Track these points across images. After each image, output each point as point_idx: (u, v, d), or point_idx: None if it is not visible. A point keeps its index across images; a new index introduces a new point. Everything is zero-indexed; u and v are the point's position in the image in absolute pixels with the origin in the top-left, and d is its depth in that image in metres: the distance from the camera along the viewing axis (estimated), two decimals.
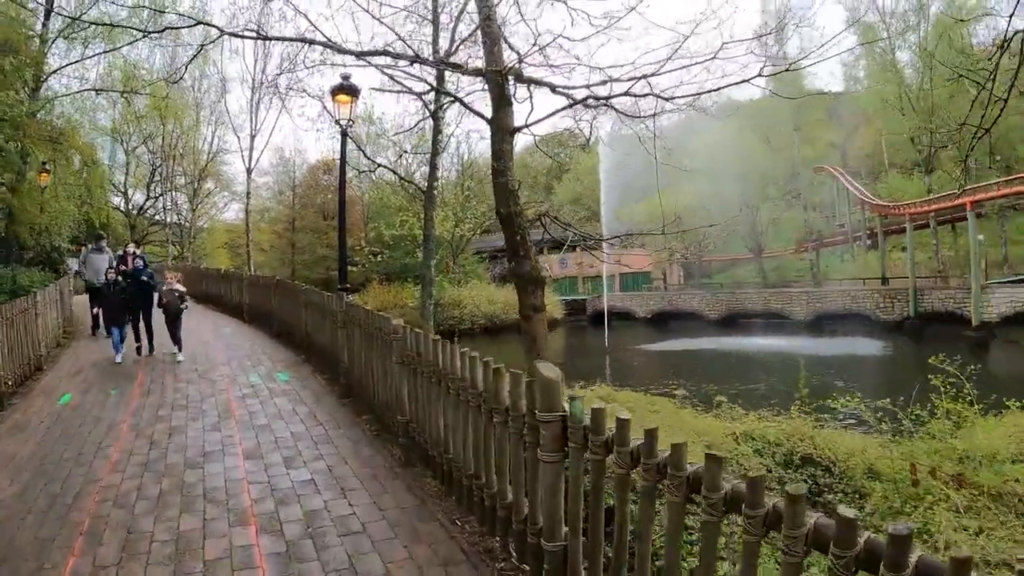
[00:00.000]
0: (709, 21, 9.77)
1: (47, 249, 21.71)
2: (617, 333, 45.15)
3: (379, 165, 19.10)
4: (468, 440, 5.34)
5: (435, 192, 16.44)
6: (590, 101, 10.81)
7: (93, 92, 26.69)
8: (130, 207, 46.03)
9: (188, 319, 19.01)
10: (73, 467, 6.87)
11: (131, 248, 15.80)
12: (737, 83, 9.50)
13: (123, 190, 46.00)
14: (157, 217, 48.11)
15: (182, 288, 13.42)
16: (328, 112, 18.59)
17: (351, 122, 12.82)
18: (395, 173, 21.52)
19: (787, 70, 10.10)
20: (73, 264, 21.53)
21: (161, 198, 46.41)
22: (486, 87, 10.92)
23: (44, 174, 21.89)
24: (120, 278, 13.00)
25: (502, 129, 9.82)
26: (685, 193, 47.46)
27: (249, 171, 44.50)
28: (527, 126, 10.42)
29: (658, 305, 47.12)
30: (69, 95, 25.32)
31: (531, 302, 9.37)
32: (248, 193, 44.99)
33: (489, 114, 10.51)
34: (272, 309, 15.66)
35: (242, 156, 44.75)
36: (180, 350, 12.55)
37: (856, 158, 62.68)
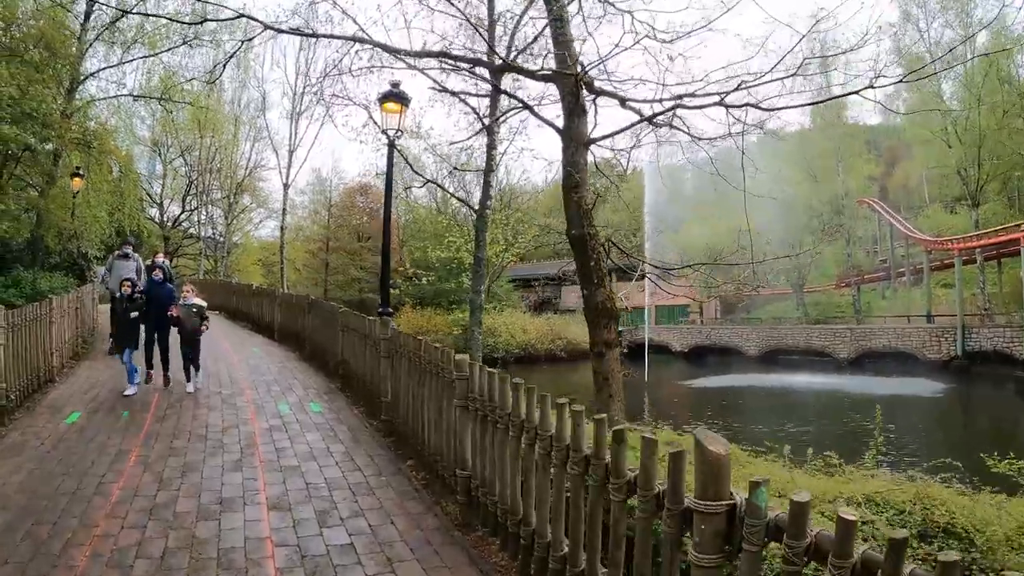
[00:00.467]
0: (824, 22, 8.36)
1: (74, 255, 20.90)
2: (654, 367, 43.68)
3: (428, 180, 17.94)
4: (560, 514, 4.13)
5: (488, 212, 15.25)
6: (660, 119, 9.62)
7: (131, 98, 26.13)
8: (165, 219, 45.65)
9: (214, 334, 18.07)
10: (68, 505, 5.75)
11: (160, 258, 14.65)
12: (847, 94, 8.29)
13: (159, 201, 45.79)
14: (191, 231, 47.67)
15: (201, 302, 11.10)
16: (374, 122, 17.64)
17: (399, 133, 11.79)
18: (444, 190, 20.39)
19: (900, 81, 8.82)
20: (101, 271, 20.74)
21: (196, 211, 45.93)
22: (540, 102, 9.92)
23: (76, 179, 21.19)
24: (135, 291, 10.97)
25: (576, 140, 8.66)
26: (724, 225, 46.24)
27: (286, 187, 43.59)
28: (604, 138, 9.27)
29: (695, 339, 45.42)
30: (106, 99, 24.74)
31: (604, 337, 8.13)
32: (284, 209, 44.22)
33: (555, 124, 9.39)
34: (305, 330, 14.59)
35: (280, 172, 43.74)
36: (197, 372, 10.81)
37: (895, 192, 61.08)
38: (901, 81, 8.71)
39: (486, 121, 14.20)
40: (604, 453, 3.64)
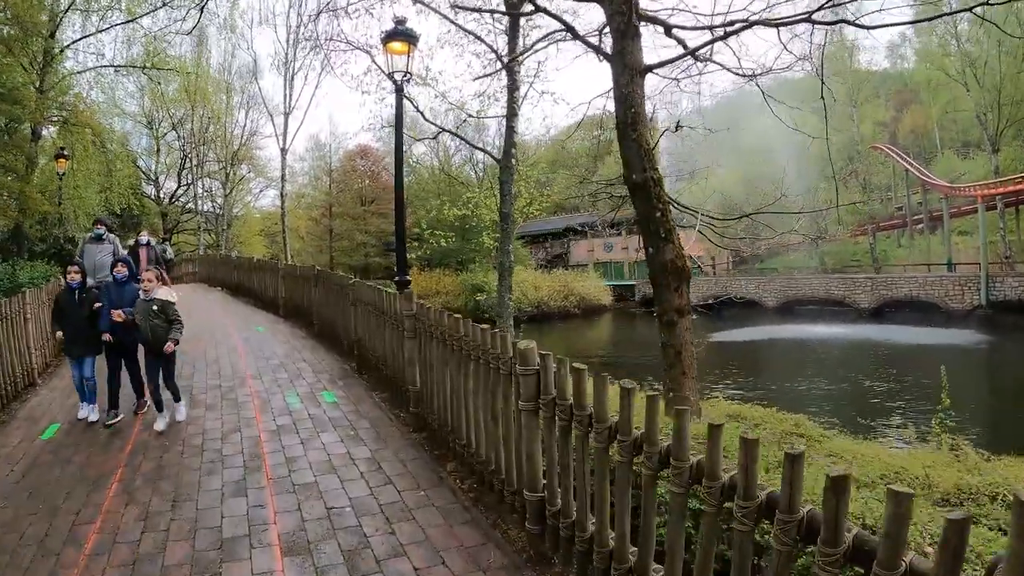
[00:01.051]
0: None
1: (60, 241, 19.50)
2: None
3: (443, 130, 16.22)
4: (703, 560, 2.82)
5: (513, 162, 13.59)
6: (702, 52, 8.10)
7: (112, 69, 24.41)
8: (161, 195, 44.05)
9: (215, 313, 16.80)
10: (31, 563, 4.47)
11: (144, 236, 12.66)
12: (961, 11, 6.76)
13: (153, 178, 44.15)
14: (189, 205, 46.03)
15: (168, 297, 7.51)
16: (378, 67, 16.06)
17: (408, 76, 10.28)
18: (465, 140, 18.62)
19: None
20: None
21: (192, 185, 44.17)
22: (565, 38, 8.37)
23: (61, 160, 19.81)
24: (89, 281, 8.46)
25: (630, 68, 7.10)
26: (735, 174, 44.83)
27: (284, 152, 41.30)
28: (663, 64, 7.76)
29: (711, 291, 43.98)
30: (84, 72, 23.08)
31: (675, 303, 6.71)
32: (283, 176, 42.10)
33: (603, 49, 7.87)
34: (312, 305, 13.23)
35: (276, 137, 41.40)
36: (178, 401, 7.71)
37: (905, 138, 59.34)
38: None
39: (505, 59, 12.58)
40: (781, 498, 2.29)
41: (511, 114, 13.67)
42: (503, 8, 12.98)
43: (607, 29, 7.77)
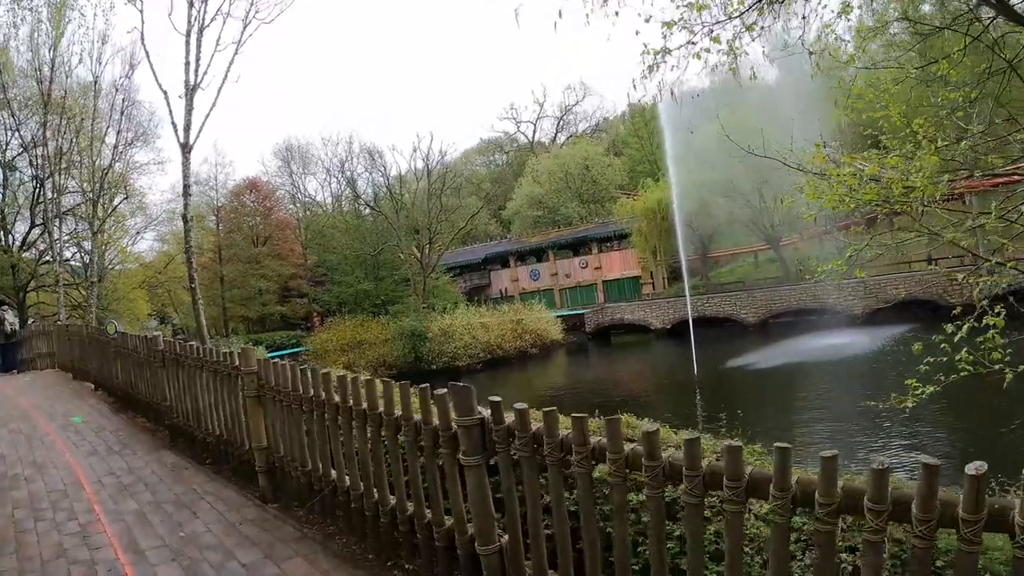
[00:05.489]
0: None
1: None
2: (642, 350, 39.12)
3: None
4: None
5: None
6: None
7: None
8: (10, 241, 34.41)
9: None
10: None
11: None
12: None
13: None
14: (47, 255, 36.14)
15: None
16: None
17: None
18: None
19: None
20: None
21: (48, 224, 32.92)
22: None
23: None
24: None
25: None
26: (690, 180, 41.63)
27: (187, 148, 22.84)
28: None
29: (680, 313, 40.53)
30: None
31: None
32: (186, 187, 23.28)
33: None
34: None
35: (174, 127, 22.92)
36: None
37: (863, 140, 58.24)
38: None
39: None
40: None
41: None
42: None
43: None
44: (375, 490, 4.52)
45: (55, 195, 30.01)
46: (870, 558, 2.35)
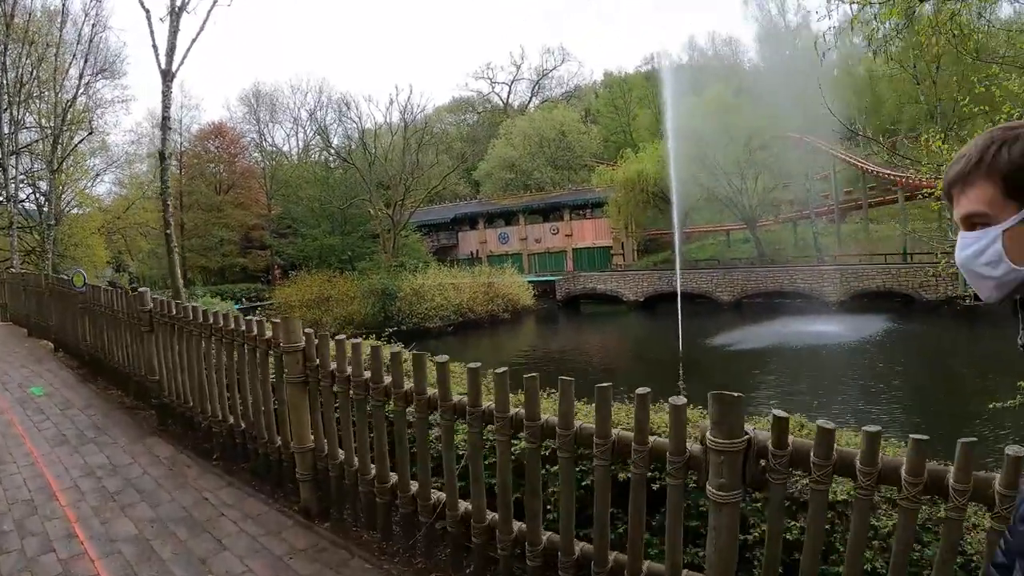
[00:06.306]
0: None
1: None
2: (612, 323, 38.96)
3: None
4: None
5: None
6: None
7: None
8: None
9: None
10: None
11: None
12: None
13: None
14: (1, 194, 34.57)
15: None
16: None
17: None
18: None
19: None
20: None
21: (3, 163, 31.03)
22: None
23: None
24: None
25: None
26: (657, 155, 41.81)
27: (168, 75, 16.68)
28: None
29: (654, 287, 40.54)
30: None
31: None
32: (165, 120, 20.80)
33: None
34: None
35: (155, 50, 19.90)
36: None
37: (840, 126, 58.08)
38: None
39: None
40: None
41: None
42: None
43: None
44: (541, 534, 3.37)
45: (12, 130, 28.27)
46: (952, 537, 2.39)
